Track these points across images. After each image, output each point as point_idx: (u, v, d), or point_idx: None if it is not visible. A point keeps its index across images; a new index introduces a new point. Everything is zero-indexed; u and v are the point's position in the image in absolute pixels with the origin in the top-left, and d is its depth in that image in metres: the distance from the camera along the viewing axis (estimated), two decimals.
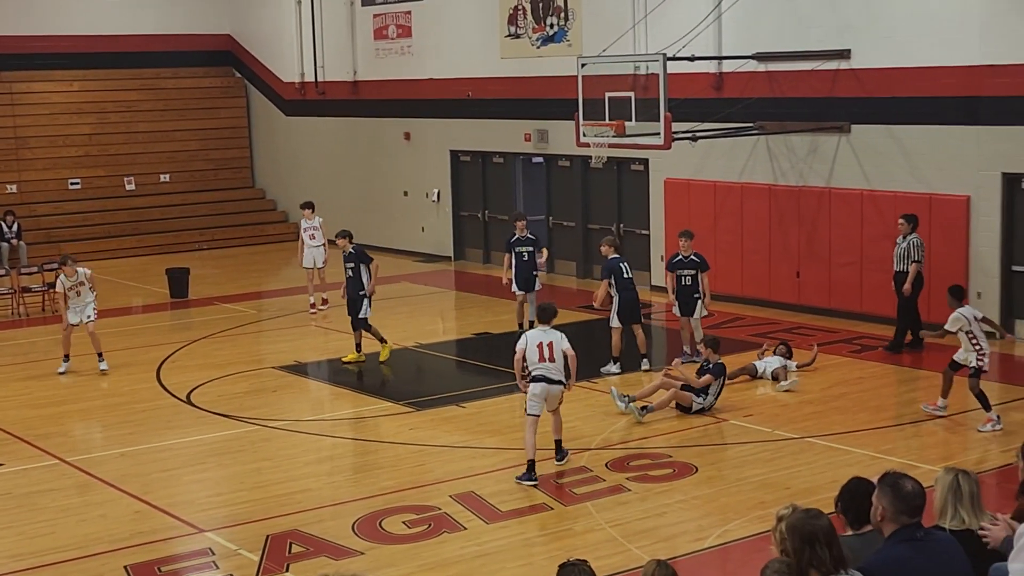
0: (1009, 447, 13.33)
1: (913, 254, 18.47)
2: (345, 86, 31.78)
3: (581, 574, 6.66)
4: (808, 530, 6.03)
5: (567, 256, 26.56)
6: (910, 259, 18.48)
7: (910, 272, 18.42)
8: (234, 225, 33.65)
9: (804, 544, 6.01)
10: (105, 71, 33.78)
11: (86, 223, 32.03)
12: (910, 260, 18.47)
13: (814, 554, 5.97)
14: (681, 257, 18.43)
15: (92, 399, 17.57)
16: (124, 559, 11.40)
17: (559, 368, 13.36)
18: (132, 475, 14.00)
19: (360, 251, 19.04)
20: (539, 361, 13.30)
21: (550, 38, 25.96)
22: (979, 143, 19.08)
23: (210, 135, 34.92)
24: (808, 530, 6.03)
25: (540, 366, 13.30)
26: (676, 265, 18.44)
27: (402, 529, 12.00)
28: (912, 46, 19.72)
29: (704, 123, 21.25)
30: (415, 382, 18.53)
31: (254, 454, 14.79)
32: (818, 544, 5.97)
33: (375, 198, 31.18)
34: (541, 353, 13.29)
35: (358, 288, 18.82)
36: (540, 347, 13.32)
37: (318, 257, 23.27)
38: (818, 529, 6.03)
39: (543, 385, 13.27)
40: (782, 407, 16.00)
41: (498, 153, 27.94)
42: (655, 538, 11.55)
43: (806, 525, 6.06)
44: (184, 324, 23.24)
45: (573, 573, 6.65)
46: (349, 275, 18.92)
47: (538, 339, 13.40)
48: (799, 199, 21.50)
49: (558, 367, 13.36)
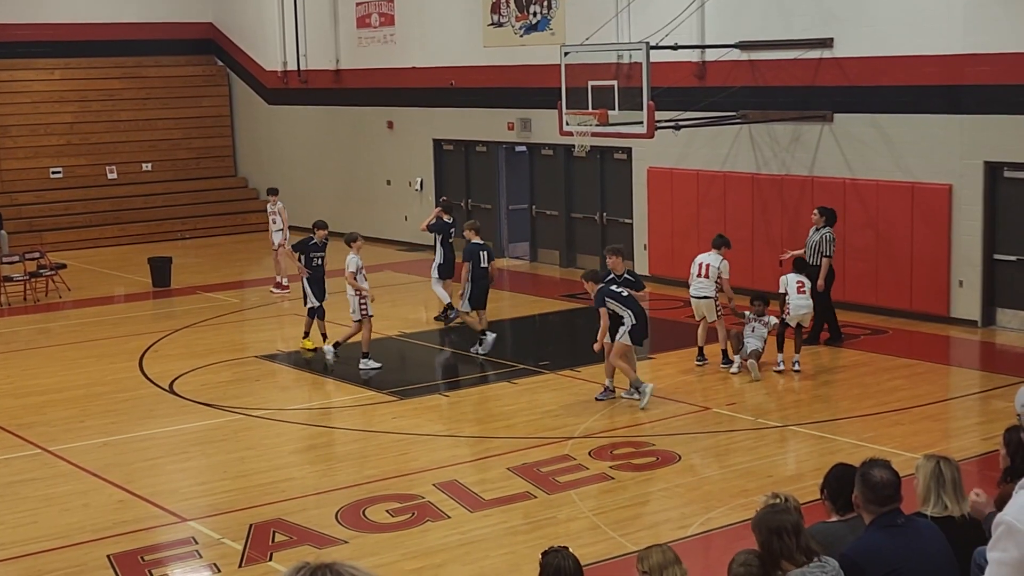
0: (991, 435, 13.37)
1: (825, 248, 18.14)
2: (328, 75, 31.70)
3: (564, 559, 6.69)
4: (775, 523, 6.12)
5: (551, 245, 26.57)
6: (821, 253, 18.16)
7: (822, 267, 18.06)
8: (216, 214, 33.57)
9: (771, 535, 6.09)
10: (87, 59, 33.63)
11: (68, 212, 31.91)
12: (821, 254, 18.17)
13: (783, 543, 6.04)
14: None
15: (74, 388, 17.51)
16: (107, 548, 11.37)
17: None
18: (115, 464, 13.96)
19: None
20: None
21: (533, 27, 25.93)
22: (962, 132, 19.12)
23: (192, 124, 34.80)
24: (775, 523, 6.12)
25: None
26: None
27: (386, 518, 11.99)
28: (895, 35, 19.75)
29: (687, 112, 21.26)
30: (398, 371, 18.50)
31: (237, 443, 14.77)
32: (785, 534, 6.05)
33: (358, 187, 31.14)
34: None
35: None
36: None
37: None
38: (785, 521, 6.12)
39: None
40: (765, 396, 16.04)
41: (481, 142, 27.91)
42: (638, 526, 11.58)
43: (772, 519, 6.16)
44: (166, 313, 23.18)
45: (556, 559, 6.68)
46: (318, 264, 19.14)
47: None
48: (782, 188, 21.53)
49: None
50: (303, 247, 19.22)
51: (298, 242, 19.64)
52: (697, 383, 16.61)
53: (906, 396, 15.71)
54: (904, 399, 15.51)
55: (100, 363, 18.87)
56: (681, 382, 16.58)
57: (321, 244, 19.20)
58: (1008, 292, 19.18)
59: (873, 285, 20.16)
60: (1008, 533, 4.39)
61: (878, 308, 20.04)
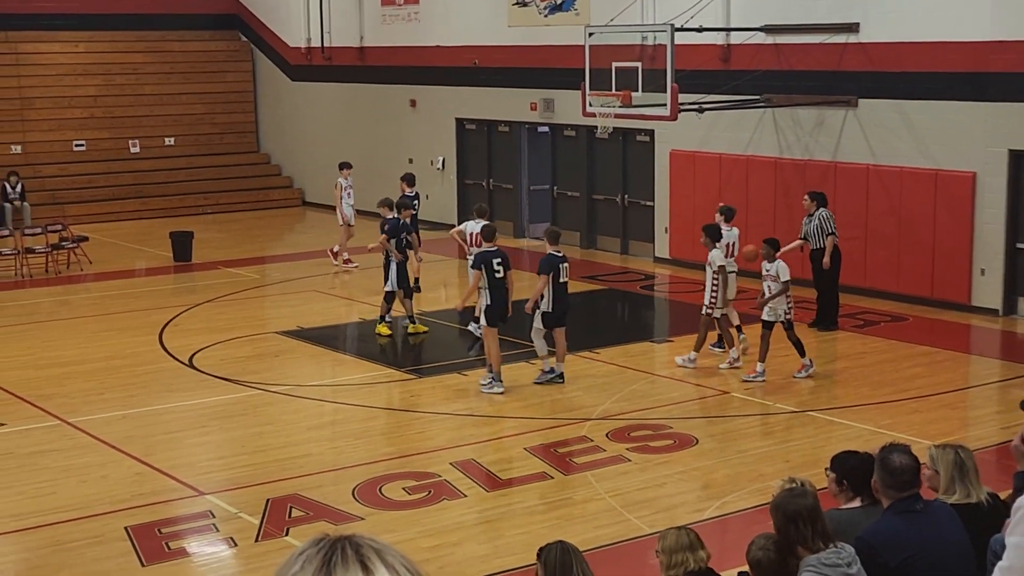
0: (1010, 424, 13.34)
1: (827, 226, 18.21)
2: (352, 52, 31.68)
3: (565, 553, 6.66)
4: (792, 509, 6.14)
5: (571, 227, 26.49)
6: (824, 233, 18.19)
7: (827, 245, 18.16)
8: (239, 190, 33.59)
9: (788, 522, 6.12)
10: (111, 32, 33.65)
11: (90, 185, 31.98)
12: (824, 234, 18.19)
13: (797, 531, 6.07)
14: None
15: (94, 361, 17.58)
16: (125, 520, 11.45)
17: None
18: (134, 437, 14.03)
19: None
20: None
21: (558, 7, 25.86)
22: (986, 119, 19.02)
23: (216, 99, 34.81)
24: (792, 509, 6.14)
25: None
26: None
27: (402, 495, 12.03)
28: (921, 21, 19.64)
29: (711, 95, 21.19)
30: (417, 349, 18.53)
31: (256, 418, 14.83)
32: (801, 521, 6.08)
33: (380, 165, 31.11)
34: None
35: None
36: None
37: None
38: (801, 507, 6.14)
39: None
40: (783, 380, 16.00)
41: (504, 122, 27.88)
42: (654, 508, 11.59)
43: (789, 504, 6.17)
44: (187, 288, 23.25)
45: (557, 555, 6.67)
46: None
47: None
48: (805, 172, 21.45)
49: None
50: (394, 231, 18.45)
51: (389, 227, 18.56)
52: (716, 367, 16.56)
53: (925, 384, 15.68)
54: (923, 387, 15.47)
55: (121, 336, 18.94)
56: (700, 365, 16.53)
57: (407, 224, 18.82)
58: None
59: (895, 272, 20.09)
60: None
61: (899, 295, 19.97)
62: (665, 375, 16.40)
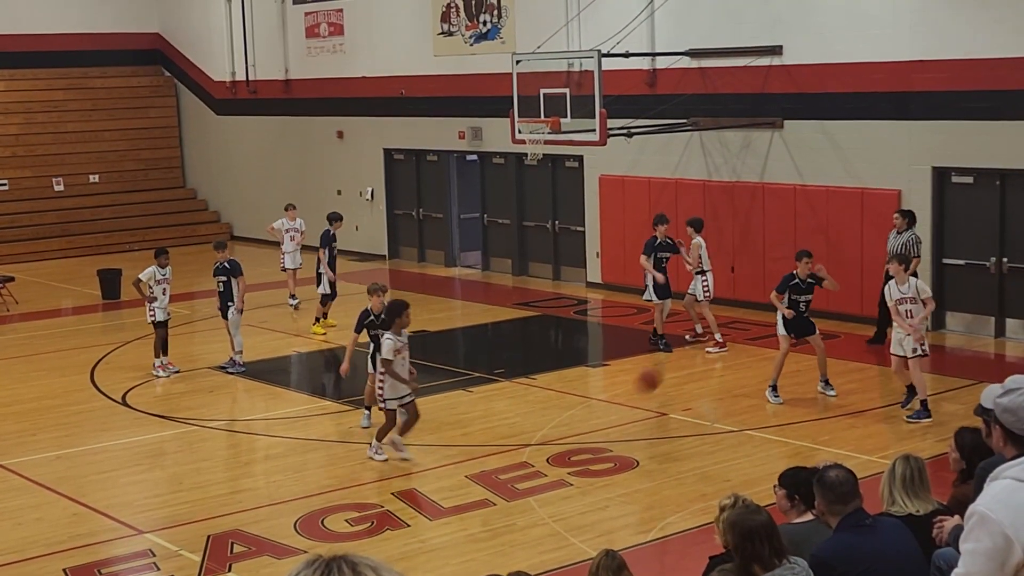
0: (942, 437, 13.49)
1: (912, 251, 17.90)
2: (277, 84, 31.58)
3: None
4: (748, 526, 6.15)
5: (503, 254, 26.57)
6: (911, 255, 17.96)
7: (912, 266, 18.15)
8: (166, 225, 33.28)
9: (744, 540, 6.13)
10: (31, 70, 33.30)
11: (14, 224, 31.56)
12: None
13: (754, 549, 6.08)
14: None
15: (25, 402, 17.32)
16: (63, 562, 11.27)
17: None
18: (68, 477, 13.83)
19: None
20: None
21: (483, 35, 25.96)
22: (910, 137, 19.33)
23: (140, 135, 34.54)
24: (748, 526, 6.15)
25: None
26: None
27: (345, 527, 11.95)
28: (843, 42, 19.93)
29: (639, 119, 21.34)
30: (352, 380, 18.41)
31: (192, 454, 14.67)
32: (757, 539, 6.09)
33: (308, 197, 30.89)
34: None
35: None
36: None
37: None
38: (757, 524, 6.16)
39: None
40: (719, 400, 16.11)
41: (432, 151, 27.89)
42: (597, 532, 11.60)
43: (745, 521, 6.19)
44: (117, 325, 22.96)
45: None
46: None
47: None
48: (733, 194, 21.66)
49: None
50: (326, 241, 21.33)
51: (322, 236, 21.52)
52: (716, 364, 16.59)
53: (859, 400, 15.86)
54: (857, 403, 15.64)
55: (51, 376, 18.68)
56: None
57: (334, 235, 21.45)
58: (956, 296, 19.40)
59: (824, 290, 20.27)
60: (981, 523, 4.46)
61: (829, 313, 20.16)
62: (603, 399, 16.46)
